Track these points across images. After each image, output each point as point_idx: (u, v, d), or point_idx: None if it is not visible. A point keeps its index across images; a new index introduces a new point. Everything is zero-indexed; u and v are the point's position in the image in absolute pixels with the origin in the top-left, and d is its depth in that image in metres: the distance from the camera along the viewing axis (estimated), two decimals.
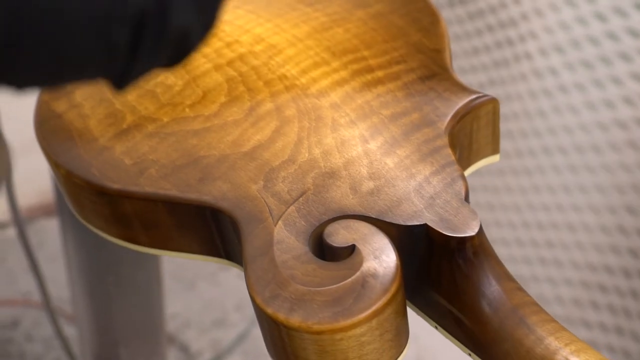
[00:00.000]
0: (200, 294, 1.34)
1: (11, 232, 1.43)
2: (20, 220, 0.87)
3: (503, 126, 1.41)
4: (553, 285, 1.28)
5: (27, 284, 1.32)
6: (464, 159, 0.41)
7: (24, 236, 0.88)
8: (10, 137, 0.86)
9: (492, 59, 1.33)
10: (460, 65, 1.39)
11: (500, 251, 1.43)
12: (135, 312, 0.82)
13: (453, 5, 1.36)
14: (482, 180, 1.40)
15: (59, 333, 1.01)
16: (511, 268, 1.35)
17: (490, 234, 1.42)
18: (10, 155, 0.67)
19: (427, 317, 0.37)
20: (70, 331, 1.12)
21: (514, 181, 1.34)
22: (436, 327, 0.37)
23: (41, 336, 1.26)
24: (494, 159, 0.43)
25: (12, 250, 1.39)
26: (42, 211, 1.44)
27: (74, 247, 0.78)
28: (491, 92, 1.40)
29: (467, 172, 0.42)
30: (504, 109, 1.32)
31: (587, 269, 1.22)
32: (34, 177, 1.26)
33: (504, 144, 1.33)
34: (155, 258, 0.82)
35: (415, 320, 0.37)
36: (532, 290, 1.28)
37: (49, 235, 1.41)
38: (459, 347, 0.36)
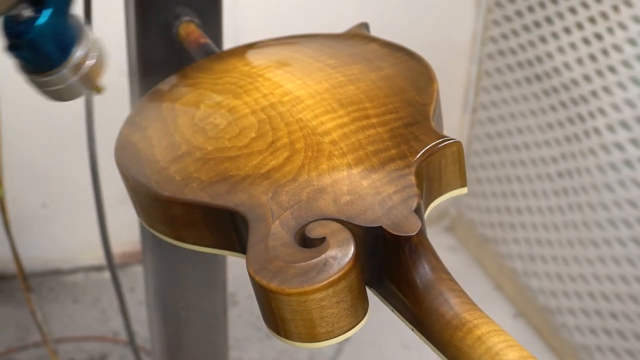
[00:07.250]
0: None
1: (107, 275, 1.60)
2: (112, 265, 1.00)
3: (573, 199, 1.52)
4: (617, 356, 1.36)
5: (117, 324, 1.49)
6: (435, 189, 0.55)
7: (116, 280, 1.02)
8: (107, 190, 1.02)
9: (564, 134, 1.45)
10: (536, 140, 1.51)
11: (567, 320, 1.53)
12: (201, 336, 0.97)
13: (530, 82, 1.50)
14: (552, 251, 1.51)
15: None
16: (578, 338, 1.51)
17: (559, 304, 1.53)
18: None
19: (387, 303, 0.51)
20: None
21: (582, 252, 1.44)
22: (392, 311, 0.51)
23: None
24: (462, 191, 0.57)
25: (106, 292, 1.56)
26: (135, 258, 1.61)
27: (152, 273, 0.94)
28: (563, 166, 1.52)
29: (439, 200, 0.56)
30: (573, 183, 1.43)
31: None
32: (128, 226, 1.45)
33: (572, 216, 1.44)
34: (223, 292, 0.98)
35: None
36: None
37: (140, 280, 1.57)
38: (405, 324, 0.50)
